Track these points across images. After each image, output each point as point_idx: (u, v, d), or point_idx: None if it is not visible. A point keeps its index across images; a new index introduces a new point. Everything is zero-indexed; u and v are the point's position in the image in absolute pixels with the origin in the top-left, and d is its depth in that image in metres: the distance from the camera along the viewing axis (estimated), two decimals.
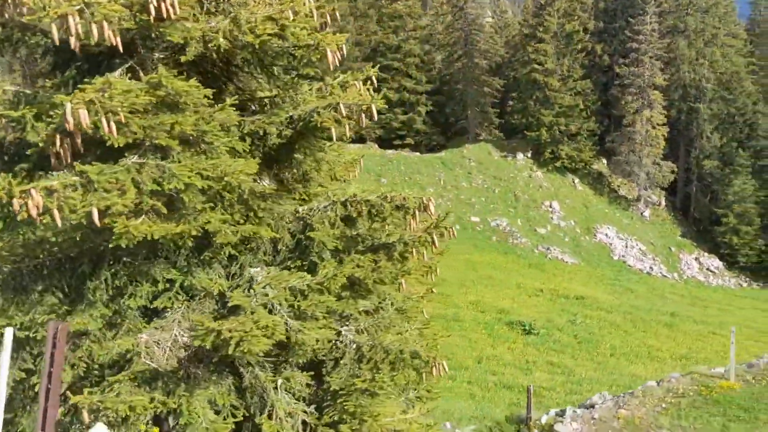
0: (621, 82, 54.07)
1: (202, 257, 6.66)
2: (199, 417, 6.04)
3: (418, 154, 53.77)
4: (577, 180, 55.20)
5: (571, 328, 30.75)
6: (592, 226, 50.99)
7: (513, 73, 59.31)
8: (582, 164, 55.13)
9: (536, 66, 52.43)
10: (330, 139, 6.95)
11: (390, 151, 52.58)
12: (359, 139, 57.59)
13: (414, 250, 7.45)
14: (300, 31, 6.05)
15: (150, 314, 6.65)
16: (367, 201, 7.00)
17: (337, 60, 6.36)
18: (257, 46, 5.94)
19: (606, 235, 50.73)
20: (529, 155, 54.79)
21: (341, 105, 6.16)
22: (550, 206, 50.66)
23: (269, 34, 5.94)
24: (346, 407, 6.43)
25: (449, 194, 47.49)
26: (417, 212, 6.90)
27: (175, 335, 6.28)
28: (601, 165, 58.46)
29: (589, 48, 58.46)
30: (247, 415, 6.59)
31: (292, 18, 5.99)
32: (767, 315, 40.46)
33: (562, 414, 14.89)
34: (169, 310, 6.54)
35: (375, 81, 7.20)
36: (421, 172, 48.53)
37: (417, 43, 58.38)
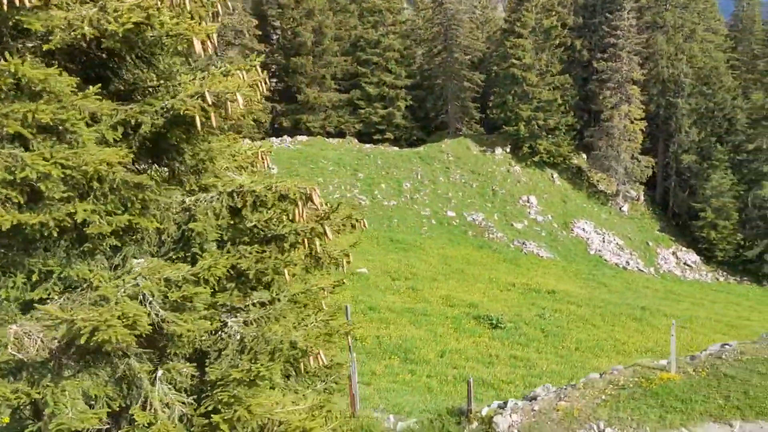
0: (599, 77, 54.18)
1: (82, 248, 6.63)
2: (65, 407, 6.02)
3: (396, 148, 53.74)
4: (555, 175, 55.31)
5: (539, 322, 30.79)
6: (569, 220, 51.15)
7: (494, 68, 59.31)
8: (560, 159, 55.25)
9: (514, 61, 52.44)
10: (214, 129, 6.87)
11: (368, 146, 52.54)
12: (339, 133, 57.78)
13: (306, 240, 7.43)
14: (167, 20, 6.00)
15: (29, 306, 6.61)
16: (253, 191, 6.96)
17: (209, 49, 6.31)
18: (122, 35, 5.89)
19: (583, 229, 50.89)
20: (508, 150, 54.85)
21: (207, 93, 6.11)
22: (528, 201, 50.76)
23: (134, 23, 5.89)
24: (221, 397, 6.42)
25: (426, 189, 47.50)
26: (300, 203, 6.86)
27: (47, 326, 6.24)
28: (581, 160, 58.67)
29: (568, 43, 58.50)
30: (124, 406, 6.58)
31: (158, 6, 5.94)
32: (739, 309, 40.77)
33: (504, 406, 14.93)
34: (48, 301, 6.51)
35: (259, 70, 7.14)
36: (398, 167, 48.51)
37: (397, 37, 58.31)
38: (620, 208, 56.05)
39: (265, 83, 7.50)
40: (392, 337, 26.17)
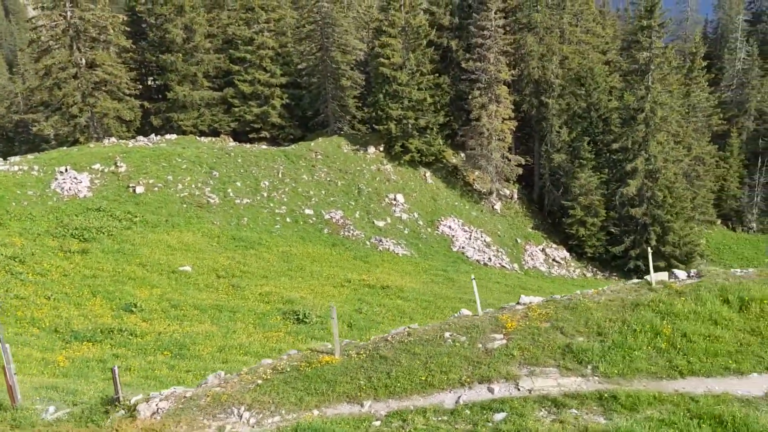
0: (468, 77, 54.70)
1: None
2: None
3: (264, 146, 53.29)
4: (429, 173, 55.62)
5: (353, 317, 30.65)
6: (436, 218, 51.44)
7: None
8: (433, 158, 55.60)
9: (383, 60, 52.56)
10: None
11: (232, 144, 51.96)
12: (213, 132, 56.97)
13: None
14: None
15: None
16: None
17: None
18: None
19: (449, 227, 51.24)
20: (381, 149, 54.95)
21: None
22: (395, 199, 50.85)
23: None
24: None
25: (286, 187, 47.12)
26: None
27: None
28: (459, 159, 59.20)
29: (445, 44, 59.10)
30: None
31: None
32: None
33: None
34: None
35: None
36: (259, 165, 48.00)
37: (272, 35, 57.89)
38: (493, 206, 56.70)
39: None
40: (175, 334, 25.70)
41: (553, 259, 54.84)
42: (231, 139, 55.70)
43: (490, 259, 49.78)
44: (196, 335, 25.73)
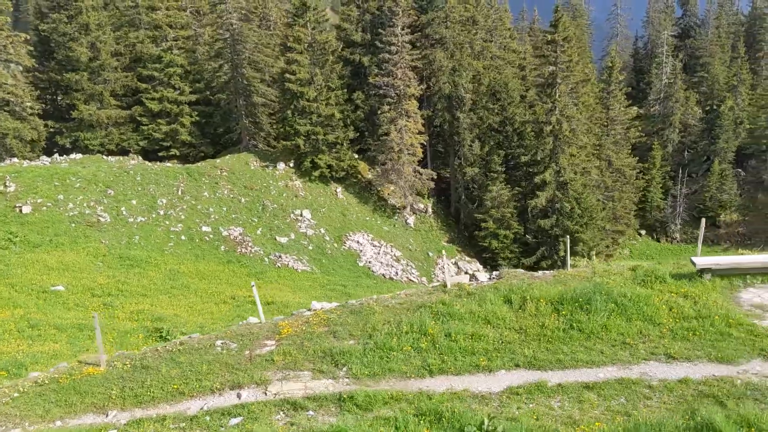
0: (377, 92, 54.94)
1: None
2: None
3: (169, 164, 52.63)
4: (340, 189, 55.52)
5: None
6: (344, 233, 51.26)
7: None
8: (344, 173, 55.55)
9: (289, 76, 52.50)
10: None
11: (133, 162, 51.15)
12: (122, 151, 56.09)
13: None
14: None
15: None
16: None
17: None
18: None
19: (358, 242, 51.10)
20: (291, 165, 54.72)
21: None
22: (301, 215, 50.58)
23: None
24: None
25: (184, 204, 46.50)
26: None
27: None
28: (374, 173, 59.24)
29: (357, 60, 59.35)
30: None
31: None
32: None
33: None
34: None
35: None
36: (158, 183, 47.33)
37: (182, 53, 57.46)
38: (406, 221, 56.79)
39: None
40: (18, 354, 24.94)
41: (465, 272, 54.98)
42: (140, 158, 54.91)
43: (397, 273, 49.72)
44: (40, 355, 24.97)
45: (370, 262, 49.52)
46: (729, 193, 79.72)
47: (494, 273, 18.02)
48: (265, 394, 13.15)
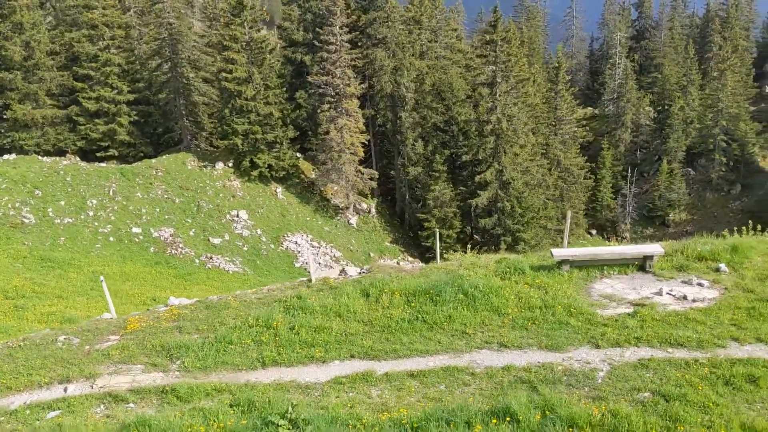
0: (316, 91, 54.81)
1: None
2: None
3: (105, 165, 51.99)
4: (280, 189, 55.26)
5: None
6: (282, 234, 51.00)
7: None
8: (284, 172, 55.29)
9: (226, 75, 52.16)
10: None
11: (65, 162, 50.41)
12: (59, 152, 55.24)
13: None
14: None
15: None
16: None
17: None
18: None
19: (296, 243, 50.88)
20: (231, 165, 54.33)
21: None
22: (237, 215, 50.25)
23: None
24: None
25: (115, 205, 45.94)
26: None
27: None
28: (317, 173, 59.05)
29: (299, 59, 59.19)
30: None
31: None
32: None
33: None
34: None
35: None
36: (89, 183, 46.72)
37: (118, 52, 56.77)
38: (348, 221, 56.69)
39: None
40: None
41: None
42: (77, 159, 54.12)
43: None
44: None
45: (307, 263, 49.26)
46: (678, 192, 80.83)
47: (365, 267, 17.97)
48: (92, 387, 12.96)
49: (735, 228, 19.79)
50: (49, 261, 38.24)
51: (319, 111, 54.31)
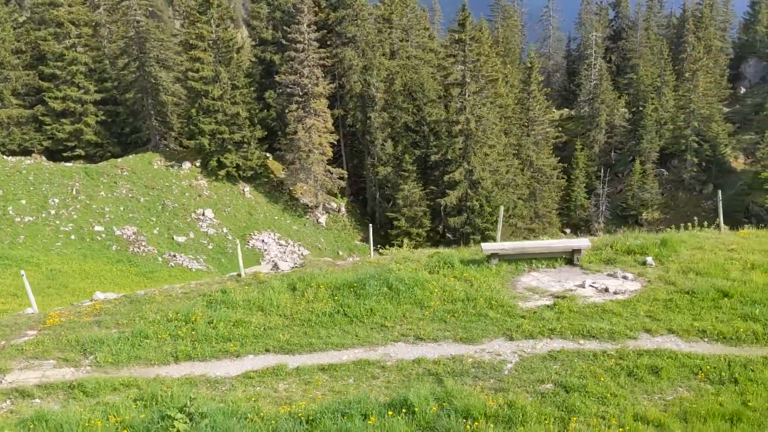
0: (284, 90, 54.63)
1: None
2: None
3: (70, 164, 51.55)
4: (248, 188, 55.03)
5: None
6: (249, 233, 50.78)
7: None
8: (252, 172, 55.07)
9: (193, 74, 51.84)
10: None
11: (28, 161, 49.93)
12: (24, 151, 54.70)
13: None
14: None
15: None
16: None
17: None
18: None
19: (263, 241, 50.67)
20: (198, 164, 54.04)
21: None
22: (203, 214, 49.97)
23: None
24: None
25: (79, 204, 45.56)
26: None
27: None
28: (287, 173, 58.86)
29: (268, 58, 58.98)
30: None
31: None
32: None
33: None
34: None
35: None
36: (52, 182, 46.32)
37: (86, 50, 56.29)
38: (318, 220, 56.56)
39: None
40: None
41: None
42: (43, 158, 53.64)
43: None
44: None
45: (273, 261, 49.00)
46: (651, 192, 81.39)
47: (298, 262, 17.90)
48: (1, 383, 12.78)
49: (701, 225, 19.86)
50: (6, 259, 37.84)
51: (286, 111, 54.07)
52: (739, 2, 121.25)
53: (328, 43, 58.01)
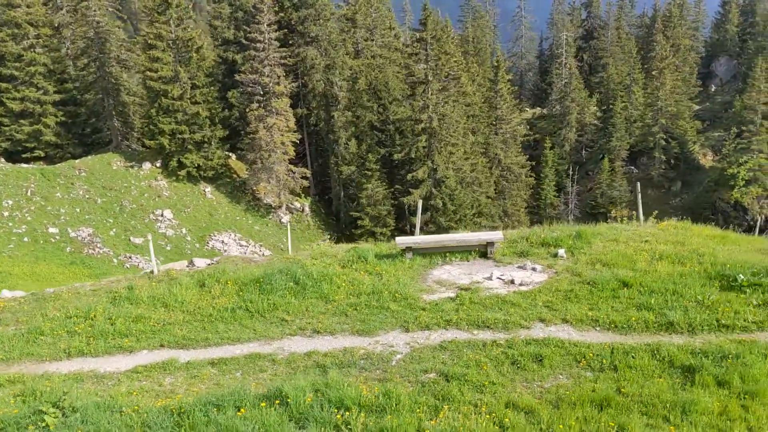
0: (244, 89, 54.39)
1: None
2: None
3: (27, 165, 50.95)
4: (210, 188, 54.71)
5: None
6: (209, 233, 50.47)
7: None
8: (213, 172, 54.77)
9: (151, 74, 51.47)
10: None
11: None
12: None
13: None
14: None
15: None
16: None
17: None
18: None
19: (222, 241, 50.39)
20: (158, 165, 53.64)
21: None
22: (162, 215, 49.60)
23: None
24: None
25: (32, 206, 45.03)
26: None
27: None
28: (251, 172, 58.56)
29: (231, 57, 58.71)
30: None
31: None
32: None
33: None
34: None
35: None
36: (6, 184, 45.74)
37: (45, 51, 55.69)
38: (281, 220, 56.33)
39: None
40: None
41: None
42: (2, 160, 52.97)
43: None
44: None
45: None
46: (619, 189, 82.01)
47: (215, 258, 17.80)
48: None
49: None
50: None
51: (247, 110, 53.81)
52: (711, 2, 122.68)
53: (290, 42, 57.83)
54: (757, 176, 75.93)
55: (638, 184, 19.64)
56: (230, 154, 58.74)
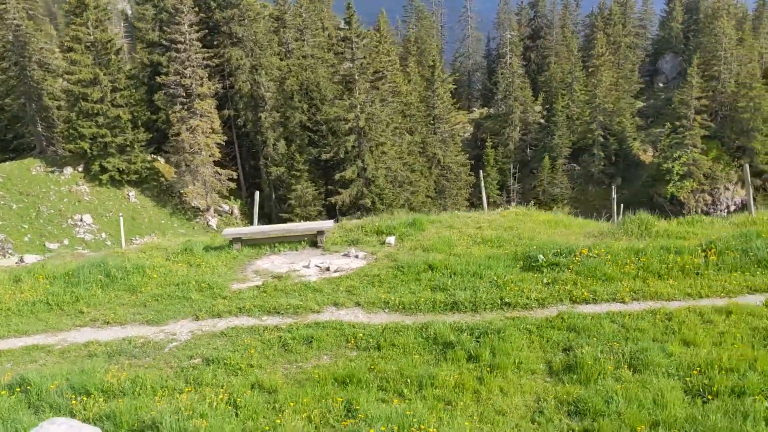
0: (166, 91, 53.80)
1: None
2: None
3: None
4: (134, 192, 53.97)
5: None
6: (131, 238, 49.68)
7: None
8: (137, 176, 54.05)
9: (68, 76, 50.65)
10: None
11: None
12: None
13: None
14: None
15: None
16: None
17: None
18: None
19: None
20: (81, 169, 52.77)
21: None
22: (81, 220, 48.78)
23: None
24: None
25: None
26: None
27: None
28: (177, 175, 57.86)
29: (155, 59, 58.03)
30: None
31: None
32: None
33: None
34: None
35: None
36: None
37: None
38: (208, 223, 55.79)
39: None
40: None
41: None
42: None
43: None
44: None
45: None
46: (561, 186, 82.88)
47: (46, 255, 17.44)
48: None
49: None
50: None
51: (170, 112, 53.21)
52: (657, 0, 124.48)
53: (216, 43, 57.36)
54: (692, 171, 77.32)
55: (481, 172, 19.72)
56: (158, 158, 58.05)
